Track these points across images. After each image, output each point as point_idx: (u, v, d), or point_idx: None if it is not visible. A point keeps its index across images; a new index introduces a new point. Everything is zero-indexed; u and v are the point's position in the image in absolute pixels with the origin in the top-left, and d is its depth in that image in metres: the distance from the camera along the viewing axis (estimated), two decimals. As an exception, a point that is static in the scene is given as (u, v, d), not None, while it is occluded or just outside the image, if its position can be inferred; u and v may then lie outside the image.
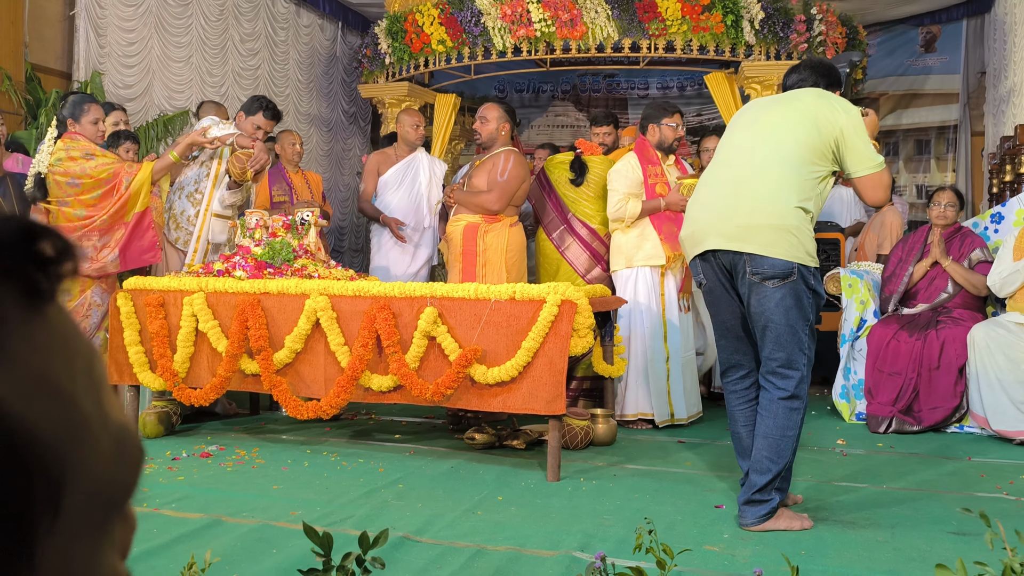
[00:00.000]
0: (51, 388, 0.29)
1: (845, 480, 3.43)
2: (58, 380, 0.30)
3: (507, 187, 4.25)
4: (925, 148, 8.54)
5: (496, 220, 4.34)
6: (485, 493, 3.18)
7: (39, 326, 0.30)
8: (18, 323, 0.29)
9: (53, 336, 0.31)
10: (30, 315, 0.30)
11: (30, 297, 0.30)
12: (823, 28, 6.12)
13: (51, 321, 0.31)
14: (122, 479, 0.33)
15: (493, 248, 4.29)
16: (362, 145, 8.82)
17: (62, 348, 0.31)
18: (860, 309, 4.63)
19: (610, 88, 9.12)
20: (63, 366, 0.31)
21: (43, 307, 0.31)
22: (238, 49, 7.15)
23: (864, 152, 2.80)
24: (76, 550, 0.30)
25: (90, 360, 0.33)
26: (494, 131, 4.34)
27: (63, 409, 0.30)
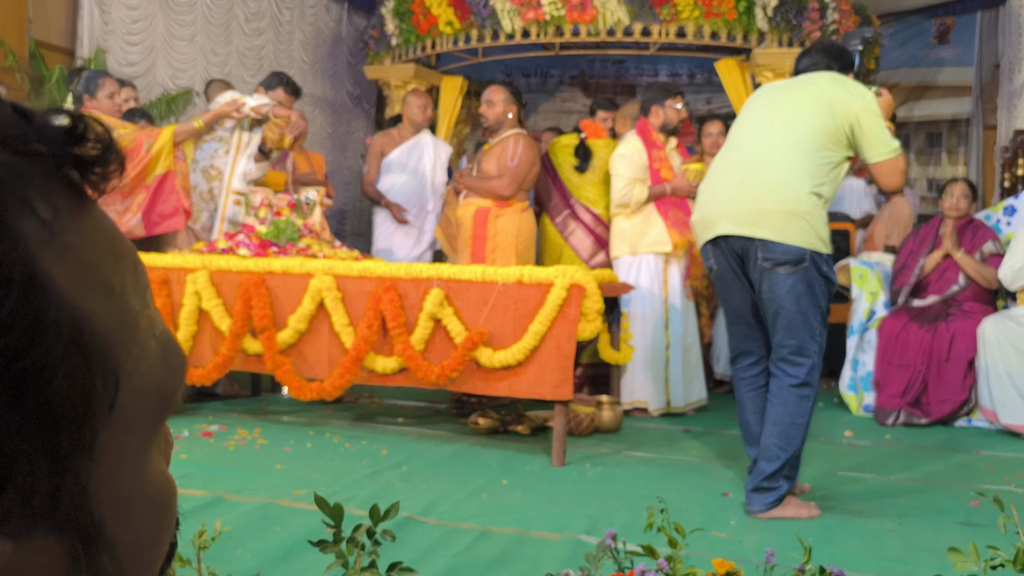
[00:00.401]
0: (104, 282, 0.30)
1: (852, 471, 3.40)
2: (109, 275, 0.30)
3: (518, 172, 4.18)
4: (937, 141, 8.47)
5: (507, 205, 4.27)
6: (490, 477, 3.14)
7: (88, 221, 0.30)
8: (70, 215, 0.29)
9: (101, 232, 0.31)
10: (79, 210, 0.30)
11: (78, 190, 0.31)
12: (836, 16, 6.04)
13: (97, 218, 0.31)
14: (168, 383, 0.33)
15: (504, 233, 4.23)
16: (366, 127, 8.76)
17: (110, 246, 0.31)
18: (870, 300, 4.59)
19: (619, 74, 9.03)
20: (112, 263, 0.31)
21: (89, 204, 0.31)
22: (243, 28, 7.07)
23: (880, 137, 2.76)
24: (129, 445, 0.31)
25: (135, 262, 0.33)
26: (501, 114, 4.26)
27: (115, 304, 0.30)
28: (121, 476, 0.30)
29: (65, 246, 0.28)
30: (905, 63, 8.40)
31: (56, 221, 0.29)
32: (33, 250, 0.27)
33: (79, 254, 0.29)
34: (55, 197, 0.29)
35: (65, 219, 0.29)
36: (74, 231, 0.29)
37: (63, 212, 0.29)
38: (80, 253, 0.29)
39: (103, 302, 0.29)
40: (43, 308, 0.27)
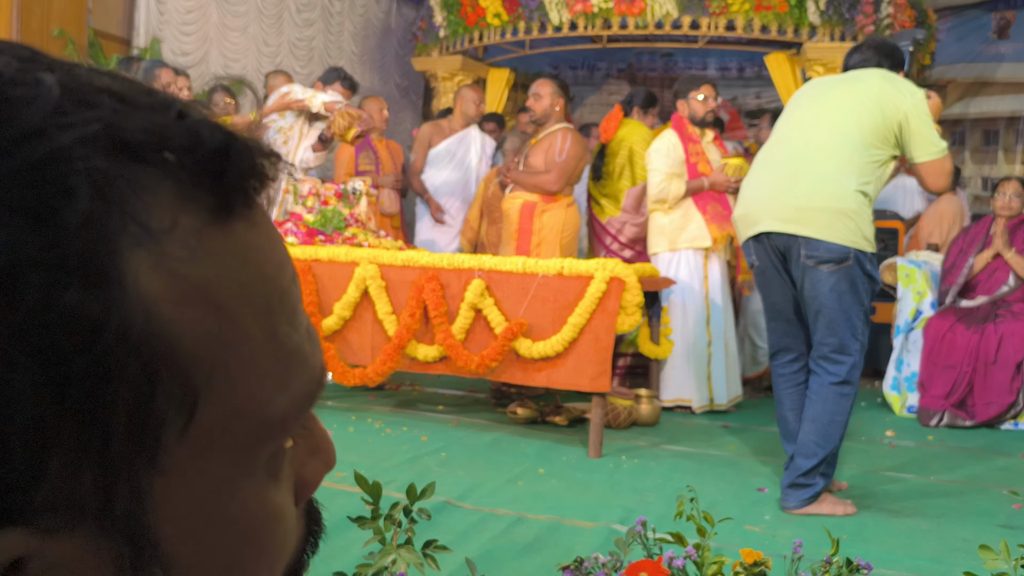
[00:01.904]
0: (209, 300, 0.28)
1: (892, 470, 3.38)
2: (219, 293, 0.29)
3: (566, 167, 4.18)
4: (993, 139, 8.26)
5: (553, 200, 4.27)
6: (526, 465, 3.19)
7: (215, 239, 0.29)
8: (189, 232, 0.28)
9: (229, 251, 0.30)
10: (209, 227, 0.29)
11: (216, 208, 0.29)
12: (891, 10, 5.94)
13: (233, 236, 0.30)
14: (279, 409, 0.31)
15: (550, 227, 4.24)
16: (414, 119, 8.85)
17: (236, 264, 0.30)
18: (917, 300, 4.52)
19: (666, 67, 8.97)
20: (233, 283, 0.29)
21: (226, 221, 0.30)
22: (294, 19, 7.20)
23: (928, 137, 2.73)
24: (213, 465, 0.30)
25: (269, 279, 0.31)
26: (548, 107, 4.25)
27: (216, 320, 0.29)
28: (196, 495, 0.29)
29: (167, 255, 0.27)
30: (962, 58, 8.19)
31: (165, 231, 0.27)
32: (121, 250, 0.26)
33: (185, 267, 0.28)
34: (177, 211, 0.28)
35: (181, 232, 0.28)
36: (187, 245, 0.28)
37: (182, 226, 0.28)
38: (187, 267, 0.28)
39: (199, 318, 0.28)
40: (109, 308, 0.26)
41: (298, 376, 0.32)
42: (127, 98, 0.29)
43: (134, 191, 0.27)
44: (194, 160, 0.29)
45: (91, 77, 0.30)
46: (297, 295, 0.34)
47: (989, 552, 1.65)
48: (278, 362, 0.31)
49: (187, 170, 0.29)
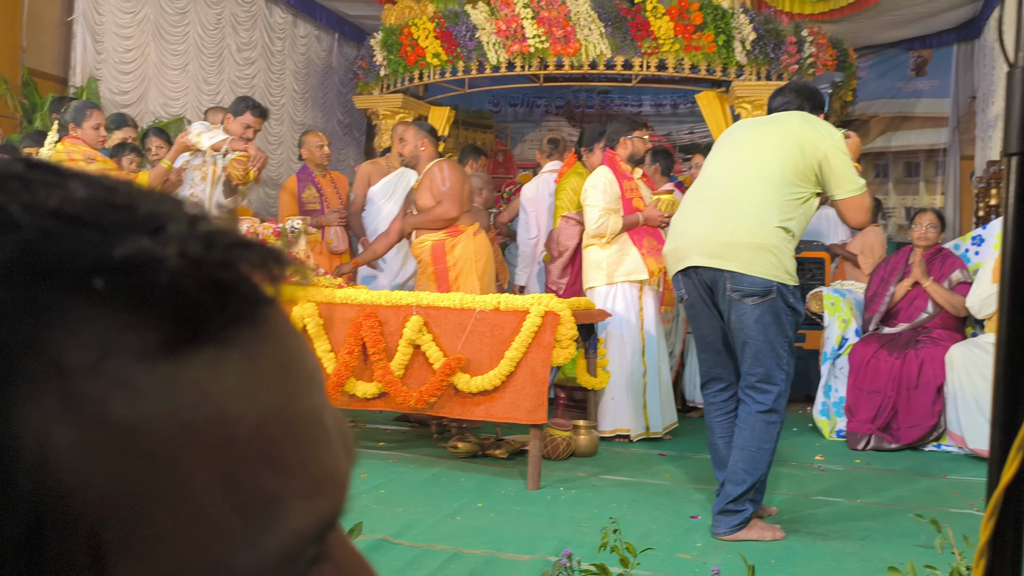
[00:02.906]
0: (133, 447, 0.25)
1: (821, 495, 3.49)
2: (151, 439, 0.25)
3: (453, 193, 4.29)
4: (915, 171, 8.65)
5: (459, 232, 4.35)
6: (465, 500, 3.22)
7: (156, 376, 0.26)
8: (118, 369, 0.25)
9: (178, 389, 0.26)
10: (147, 362, 0.25)
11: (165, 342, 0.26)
12: (814, 50, 6.22)
13: (188, 371, 0.26)
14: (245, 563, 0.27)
15: (464, 258, 4.33)
16: (357, 155, 8.89)
17: (190, 404, 0.26)
18: (842, 327, 4.70)
19: (604, 104, 9.21)
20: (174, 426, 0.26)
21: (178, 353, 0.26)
22: (234, 58, 7.22)
23: (847, 175, 2.87)
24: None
25: (243, 426, 0.28)
26: (414, 149, 4.41)
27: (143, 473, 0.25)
28: None
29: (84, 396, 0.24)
30: (883, 95, 8.59)
31: (82, 369, 0.24)
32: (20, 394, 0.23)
33: (105, 409, 0.24)
34: (105, 345, 0.25)
35: (109, 369, 0.25)
36: (115, 382, 0.25)
37: (110, 363, 0.25)
38: (109, 409, 0.24)
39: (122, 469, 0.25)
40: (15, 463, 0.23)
41: (271, 530, 0.27)
42: (63, 214, 0.26)
43: (48, 326, 0.24)
44: (137, 285, 0.25)
45: (31, 189, 0.26)
46: (302, 432, 0.29)
47: (897, 573, 1.75)
48: (239, 514, 0.27)
49: (128, 297, 0.25)
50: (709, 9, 5.97)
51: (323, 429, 0.30)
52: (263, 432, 0.27)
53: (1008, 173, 0.79)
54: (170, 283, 0.25)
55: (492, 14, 6.25)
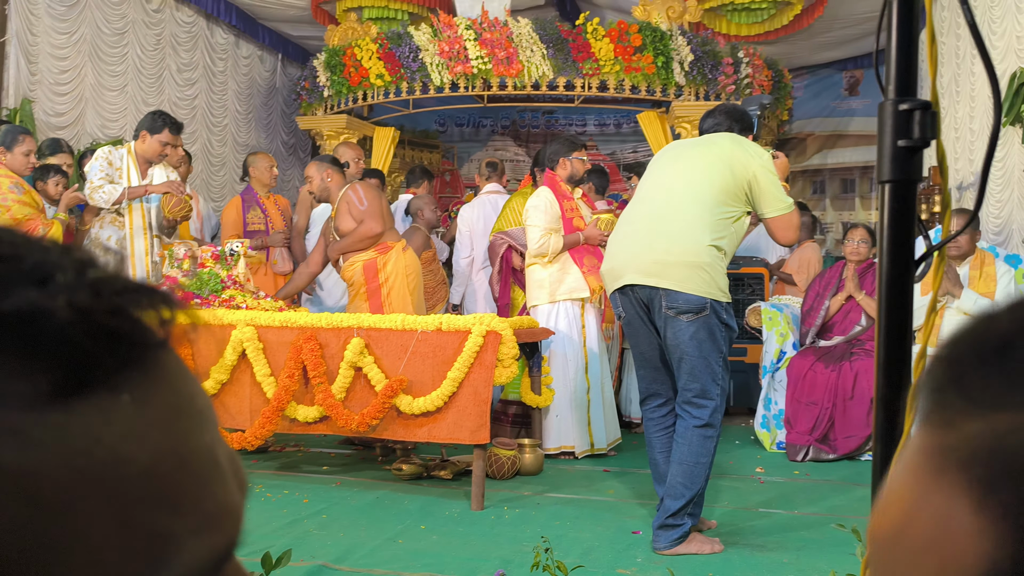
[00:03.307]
0: (20, 492, 0.25)
1: (761, 506, 3.55)
2: (39, 486, 0.26)
3: (373, 210, 4.32)
4: (850, 187, 8.90)
5: (388, 249, 4.37)
6: (408, 522, 3.21)
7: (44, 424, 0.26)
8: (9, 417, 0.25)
9: (67, 436, 0.26)
10: (35, 411, 0.26)
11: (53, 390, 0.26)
12: (750, 71, 6.38)
13: (78, 418, 0.27)
14: None
15: (395, 274, 4.34)
16: (301, 177, 8.83)
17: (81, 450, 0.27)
18: (780, 341, 4.81)
19: (548, 124, 9.31)
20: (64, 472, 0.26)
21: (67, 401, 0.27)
22: (175, 79, 7.13)
23: (775, 194, 2.95)
24: None
25: (134, 469, 0.28)
26: (322, 183, 4.44)
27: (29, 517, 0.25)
28: None
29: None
30: (818, 114, 8.85)
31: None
32: None
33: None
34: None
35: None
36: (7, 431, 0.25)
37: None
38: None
39: (20, 515, 0.25)
40: None
41: (166, 568, 0.28)
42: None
43: None
44: (25, 335, 0.26)
45: None
46: (194, 470, 0.29)
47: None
48: (134, 555, 0.27)
49: (16, 347, 0.25)
50: (648, 31, 6.09)
51: (215, 465, 0.30)
52: (155, 473, 0.28)
53: (882, 199, 0.83)
54: (59, 333, 0.26)
55: (435, 36, 6.29)
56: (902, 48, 0.78)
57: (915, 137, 0.76)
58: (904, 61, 0.78)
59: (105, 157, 4.38)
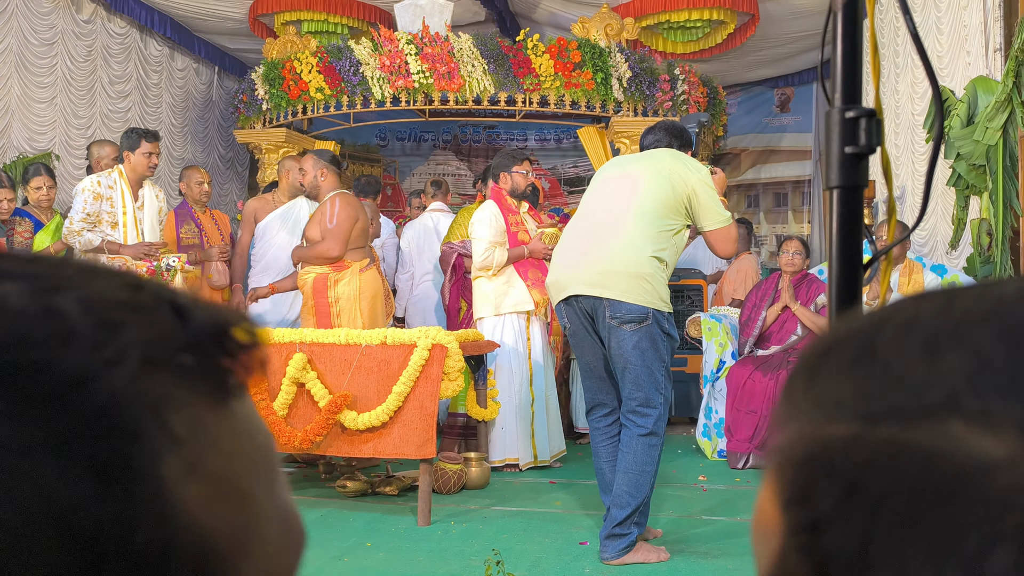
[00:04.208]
0: (233, 491, 0.29)
1: (704, 514, 3.61)
2: (239, 481, 0.29)
3: (338, 231, 4.22)
4: (783, 201, 9.16)
5: (345, 267, 4.28)
6: (354, 540, 3.16)
7: (226, 425, 0.29)
8: (207, 429, 0.28)
9: (239, 434, 0.30)
10: (218, 416, 0.29)
11: (221, 395, 0.29)
12: (686, 88, 6.53)
13: (236, 417, 0.30)
14: (288, 563, 0.32)
15: (346, 297, 4.25)
16: (239, 190, 8.69)
17: (247, 445, 0.30)
18: (719, 351, 4.90)
19: (490, 139, 9.35)
20: (243, 463, 0.30)
21: (228, 403, 0.30)
22: (107, 91, 6.94)
23: (714, 208, 3.02)
24: None
25: (267, 449, 0.32)
26: (314, 179, 4.36)
27: (240, 509, 0.29)
28: None
29: (198, 462, 0.27)
30: (752, 130, 9.09)
31: (192, 437, 0.27)
32: (167, 479, 0.26)
33: (212, 467, 0.28)
34: (196, 408, 0.28)
35: (203, 431, 0.28)
36: (210, 443, 0.28)
37: (201, 423, 0.28)
38: (213, 466, 0.28)
39: (231, 513, 0.28)
40: (172, 538, 0.26)
41: (294, 532, 0.32)
42: (133, 303, 0.29)
43: (169, 406, 0.27)
44: (199, 355, 0.29)
45: (96, 285, 0.29)
46: (276, 448, 0.34)
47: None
48: (285, 529, 0.31)
49: (196, 367, 0.29)
50: (587, 48, 6.19)
51: None
52: (273, 452, 0.32)
53: (830, 205, 0.86)
54: (214, 350, 0.29)
55: (376, 50, 6.27)
56: (847, 58, 0.81)
57: (861, 144, 0.79)
58: (849, 70, 0.81)
59: (91, 190, 4.27)
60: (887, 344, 0.29)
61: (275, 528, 0.31)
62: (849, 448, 0.28)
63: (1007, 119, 4.26)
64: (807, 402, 0.31)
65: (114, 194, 4.34)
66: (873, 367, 0.29)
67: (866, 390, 0.29)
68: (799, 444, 0.30)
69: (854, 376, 0.30)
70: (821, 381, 0.31)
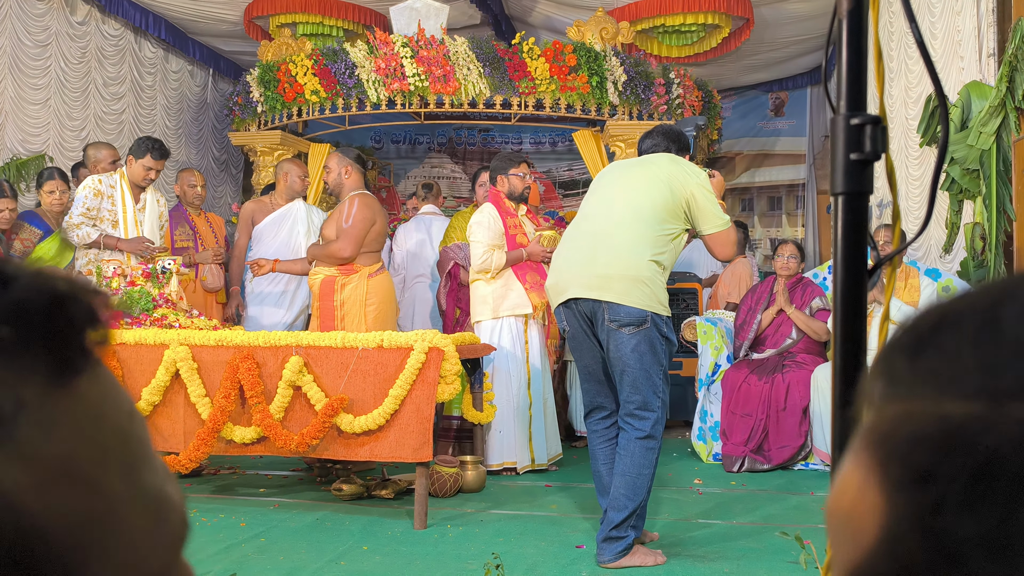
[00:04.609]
0: (71, 475, 0.27)
1: (700, 517, 3.61)
2: (80, 465, 0.27)
3: (353, 232, 4.22)
4: (777, 204, 9.18)
5: (353, 272, 4.28)
6: (350, 543, 3.15)
7: (63, 406, 0.27)
8: (37, 408, 0.26)
9: (79, 415, 0.28)
10: (54, 394, 0.27)
11: (57, 372, 0.27)
12: (681, 91, 6.54)
13: (80, 396, 0.28)
14: (159, 554, 0.30)
15: (352, 301, 4.25)
16: (234, 192, 8.67)
17: (91, 426, 0.28)
18: (715, 355, 4.91)
19: (485, 142, 9.36)
20: (89, 447, 0.28)
21: (72, 380, 0.28)
22: (101, 93, 6.92)
23: (713, 212, 3.04)
24: None
25: (126, 433, 0.30)
26: (337, 177, 4.35)
27: (84, 496, 0.27)
28: None
29: (20, 441, 0.25)
30: (746, 133, 9.12)
31: (10, 416, 0.25)
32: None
33: (40, 448, 0.26)
34: (17, 388, 0.26)
35: (28, 411, 0.26)
36: (37, 423, 0.26)
37: (29, 406, 0.26)
38: (43, 447, 0.26)
39: (73, 500, 0.26)
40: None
41: (168, 521, 0.31)
42: None
43: None
44: (26, 329, 0.27)
45: None
46: (147, 433, 0.31)
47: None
48: (148, 514, 0.29)
49: (20, 341, 0.26)
50: (582, 51, 6.19)
51: (148, 435, 0.33)
52: (140, 438, 0.30)
53: (835, 210, 0.87)
54: (49, 323, 0.27)
55: (371, 52, 6.27)
56: (852, 65, 0.82)
57: (866, 151, 0.79)
58: (854, 77, 0.81)
59: (92, 187, 4.30)
60: (1014, 319, 0.28)
61: (139, 518, 0.29)
62: (977, 426, 0.27)
63: (1000, 124, 4.29)
64: (914, 378, 0.30)
65: (115, 193, 4.36)
66: (999, 342, 0.28)
67: (991, 366, 0.28)
68: (908, 422, 0.29)
69: (976, 352, 0.28)
70: (932, 356, 0.30)
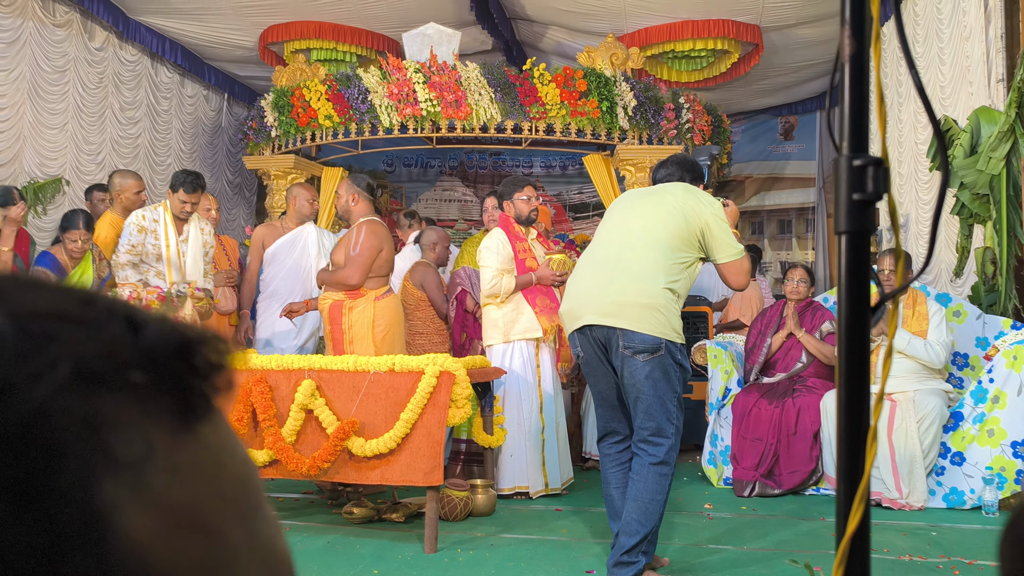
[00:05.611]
0: (196, 523, 0.27)
1: (711, 543, 3.60)
2: (204, 513, 0.27)
3: (360, 260, 4.25)
4: (787, 228, 9.20)
5: (359, 295, 4.30)
6: (361, 567, 3.16)
7: (188, 452, 0.27)
8: (165, 453, 0.26)
9: (203, 462, 0.28)
10: (181, 440, 0.27)
11: (183, 418, 0.27)
12: (690, 116, 6.59)
13: (203, 442, 0.28)
14: None
15: (359, 324, 4.28)
16: (247, 216, 8.76)
17: (213, 473, 0.28)
18: (725, 379, 4.91)
19: (496, 165, 9.43)
20: (212, 495, 0.28)
21: (196, 427, 0.28)
22: (117, 117, 7.03)
23: (727, 241, 3.06)
24: None
25: (244, 481, 0.30)
26: (346, 204, 4.41)
27: (208, 545, 0.27)
28: None
29: (150, 487, 0.25)
30: (756, 157, 9.16)
31: (143, 461, 0.26)
32: (111, 500, 0.24)
33: (168, 497, 0.26)
34: (149, 430, 0.26)
35: (158, 456, 0.26)
36: (166, 469, 0.26)
37: (157, 449, 0.26)
38: (170, 493, 0.26)
39: (193, 549, 0.26)
40: (111, 571, 0.24)
41: (280, 574, 0.30)
42: (74, 316, 0.27)
43: (112, 427, 0.25)
44: (155, 373, 0.27)
45: (29, 297, 0.27)
46: (261, 482, 0.31)
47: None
48: (264, 567, 0.29)
49: (151, 386, 0.27)
50: (593, 77, 6.26)
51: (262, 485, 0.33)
52: (256, 487, 0.30)
53: (839, 249, 0.89)
54: (175, 369, 0.28)
55: (384, 78, 6.35)
56: (854, 107, 0.85)
57: (868, 191, 0.82)
58: (856, 120, 0.84)
59: (136, 223, 4.38)
60: None
61: (252, 569, 0.28)
62: None
63: (1010, 149, 4.30)
64: None
65: (158, 228, 4.43)
66: None
67: None
68: None
69: None
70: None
